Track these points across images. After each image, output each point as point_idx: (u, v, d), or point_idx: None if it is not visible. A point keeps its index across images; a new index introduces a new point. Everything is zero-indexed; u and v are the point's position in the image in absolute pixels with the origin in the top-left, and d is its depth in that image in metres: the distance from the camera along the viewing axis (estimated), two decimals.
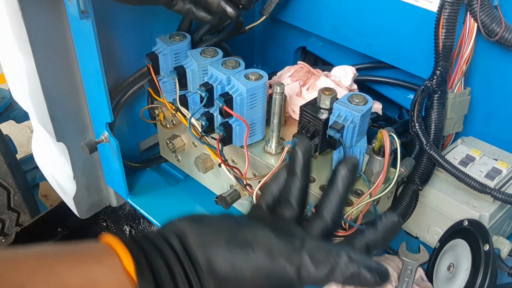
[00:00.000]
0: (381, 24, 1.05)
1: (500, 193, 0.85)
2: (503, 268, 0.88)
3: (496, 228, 0.93)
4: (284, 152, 0.82)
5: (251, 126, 0.90)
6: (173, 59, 0.98)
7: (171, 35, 0.99)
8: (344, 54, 1.25)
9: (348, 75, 1.01)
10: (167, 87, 1.00)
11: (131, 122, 1.16)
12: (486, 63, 0.96)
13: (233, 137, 0.92)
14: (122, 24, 1.02)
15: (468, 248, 0.85)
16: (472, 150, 0.99)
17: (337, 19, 1.13)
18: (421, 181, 0.91)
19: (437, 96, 0.94)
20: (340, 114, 0.80)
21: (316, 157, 0.92)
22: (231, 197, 0.91)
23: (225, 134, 0.89)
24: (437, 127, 0.95)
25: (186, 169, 1.14)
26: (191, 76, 0.94)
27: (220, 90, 0.88)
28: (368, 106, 0.81)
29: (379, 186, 0.78)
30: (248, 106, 0.87)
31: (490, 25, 0.87)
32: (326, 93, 0.84)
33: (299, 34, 1.32)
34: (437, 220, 0.96)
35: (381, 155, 0.82)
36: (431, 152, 0.90)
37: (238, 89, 0.86)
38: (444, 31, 0.88)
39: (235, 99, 0.86)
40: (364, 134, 0.85)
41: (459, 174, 0.88)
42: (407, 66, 1.08)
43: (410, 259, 0.90)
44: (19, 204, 1.71)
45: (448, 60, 0.91)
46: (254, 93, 0.87)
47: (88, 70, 0.97)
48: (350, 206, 0.81)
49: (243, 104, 0.87)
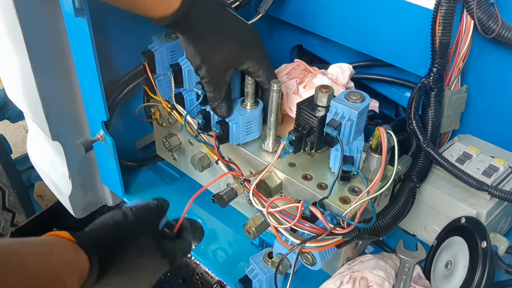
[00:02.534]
0: (377, 22, 1.05)
1: (497, 190, 0.85)
2: (501, 265, 0.88)
3: (493, 225, 0.93)
4: (280, 149, 0.82)
5: (247, 125, 0.91)
6: (169, 57, 0.97)
7: (166, 33, 0.98)
8: (341, 52, 1.25)
9: (345, 73, 1.01)
10: (163, 85, 1.00)
11: (127, 120, 1.15)
12: (483, 60, 0.96)
13: (230, 136, 0.91)
14: (117, 22, 1.01)
15: (465, 245, 0.85)
16: (469, 147, 0.99)
17: (333, 17, 1.13)
18: (418, 179, 0.91)
19: (434, 94, 0.94)
20: (337, 111, 0.80)
21: (313, 155, 0.91)
22: (228, 195, 0.90)
23: (221, 132, 0.89)
24: (434, 124, 0.94)
25: (182, 168, 1.14)
26: (187, 74, 0.94)
27: None
28: (366, 103, 0.81)
29: (376, 183, 0.78)
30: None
31: (486, 22, 0.87)
32: (323, 90, 0.84)
33: (296, 32, 1.32)
34: (434, 218, 0.96)
35: (378, 153, 0.81)
36: (428, 149, 0.90)
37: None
38: (441, 28, 0.88)
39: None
40: (361, 131, 0.84)
41: (456, 171, 0.88)
42: (404, 64, 1.08)
43: (407, 256, 0.90)
44: (14, 204, 1.70)
45: (445, 57, 0.91)
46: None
47: (84, 68, 0.96)
48: (347, 204, 0.80)
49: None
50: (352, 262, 0.89)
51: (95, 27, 0.88)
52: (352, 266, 0.88)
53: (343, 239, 0.77)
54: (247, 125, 0.91)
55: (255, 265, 0.90)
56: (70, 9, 0.84)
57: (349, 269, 0.87)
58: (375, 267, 0.85)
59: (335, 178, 0.82)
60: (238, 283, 0.91)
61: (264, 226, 0.87)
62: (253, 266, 0.91)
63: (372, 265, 0.86)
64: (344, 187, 0.85)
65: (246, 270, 0.92)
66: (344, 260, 0.91)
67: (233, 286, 0.94)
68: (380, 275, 0.84)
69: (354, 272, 0.85)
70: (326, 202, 0.82)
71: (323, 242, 0.77)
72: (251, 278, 0.90)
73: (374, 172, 0.83)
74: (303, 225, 0.78)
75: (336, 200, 0.82)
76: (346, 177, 0.84)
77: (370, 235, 0.80)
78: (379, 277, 0.84)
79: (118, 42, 1.04)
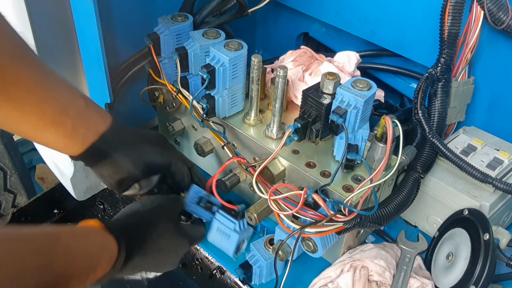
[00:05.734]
0: (385, 11, 1.04)
1: (501, 183, 0.84)
2: (502, 258, 0.88)
3: (495, 218, 0.93)
4: (285, 137, 0.82)
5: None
6: (174, 40, 0.96)
7: (173, 15, 0.97)
8: (347, 40, 1.24)
9: (351, 61, 1.00)
10: (168, 69, 0.99)
11: (131, 104, 1.14)
12: (491, 52, 0.95)
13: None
14: (123, 4, 1.00)
15: (467, 237, 0.85)
16: (474, 140, 0.99)
17: (340, 5, 1.12)
18: (423, 169, 0.90)
19: (441, 84, 0.93)
20: (343, 99, 0.79)
21: (317, 143, 0.91)
22: (230, 181, 0.90)
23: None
24: (440, 115, 0.94)
25: (185, 153, 1.13)
26: (192, 58, 0.93)
27: (222, 72, 0.87)
28: (372, 91, 0.80)
29: (380, 172, 0.78)
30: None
31: (497, 13, 0.86)
32: (329, 77, 0.83)
33: (302, 20, 1.30)
34: (437, 209, 0.96)
35: (383, 142, 0.81)
36: (433, 140, 0.89)
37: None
38: (450, 18, 0.87)
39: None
40: (367, 120, 0.84)
41: (461, 163, 0.87)
42: (411, 54, 1.07)
43: (408, 247, 0.90)
44: (15, 185, 1.70)
45: (453, 47, 0.90)
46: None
47: (89, 49, 0.95)
48: (350, 192, 0.80)
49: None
50: (353, 251, 0.89)
51: (101, 9, 0.87)
52: (353, 255, 0.88)
53: (344, 226, 0.77)
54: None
55: (256, 251, 0.90)
56: None
57: (350, 258, 0.86)
58: (376, 256, 0.85)
59: (338, 166, 0.81)
60: (239, 268, 0.91)
61: (266, 213, 0.87)
62: (254, 252, 0.91)
63: (373, 254, 0.86)
64: (347, 175, 0.84)
65: (247, 256, 0.92)
66: (345, 249, 0.91)
67: (234, 271, 0.94)
68: (381, 264, 0.84)
69: (355, 261, 0.85)
70: (329, 190, 0.81)
71: (323, 228, 0.77)
72: (251, 264, 0.90)
73: (378, 161, 0.83)
74: (306, 212, 0.77)
75: (339, 188, 0.81)
76: (350, 166, 0.84)
77: (371, 223, 0.80)
78: (379, 267, 0.84)
79: (124, 24, 1.03)
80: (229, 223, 0.90)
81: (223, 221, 0.91)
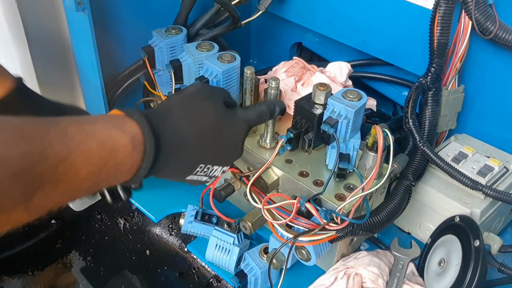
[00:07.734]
0: (376, 21, 1.06)
1: (491, 190, 0.86)
2: (493, 264, 0.89)
3: (487, 224, 0.94)
4: (278, 146, 0.83)
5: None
6: (169, 52, 0.98)
7: (167, 28, 0.99)
8: (340, 50, 1.26)
9: (343, 71, 1.01)
10: (163, 80, 1.00)
11: None
12: (480, 61, 0.97)
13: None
14: (118, 17, 1.02)
15: (459, 243, 0.86)
16: (465, 147, 1.00)
17: (333, 15, 1.14)
18: (414, 177, 0.92)
19: (431, 93, 0.94)
20: (334, 109, 0.81)
21: (310, 152, 0.92)
22: (225, 190, 0.91)
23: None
24: (431, 124, 0.95)
25: None
26: (186, 70, 0.95)
27: (216, 84, 0.89)
28: (362, 102, 0.82)
29: (371, 181, 0.79)
30: None
31: (484, 23, 0.87)
32: (320, 88, 0.85)
33: (295, 30, 1.32)
34: (429, 216, 0.97)
35: (374, 151, 0.82)
36: (424, 148, 0.90)
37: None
38: (439, 28, 0.89)
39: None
40: (358, 129, 0.85)
41: (452, 170, 0.89)
42: (402, 63, 1.09)
43: (401, 254, 0.91)
44: None
45: (442, 57, 0.92)
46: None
47: (84, 62, 0.97)
48: (342, 200, 0.81)
49: None
50: (347, 259, 0.90)
51: (96, 21, 0.88)
52: (346, 263, 0.89)
53: (337, 235, 0.78)
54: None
55: (251, 260, 0.91)
56: (71, 3, 0.84)
57: (344, 265, 0.87)
58: (369, 263, 0.86)
59: (330, 175, 0.83)
60: (234, 277, 0.92)
61: (260, 222, 0.88)
62: (249, 261, 0.92)
63: (367, 262, 0.87)
64: (340, 184, 0.85)
65: (242, 264, 0.93)
66: (338, 257, 0.92)
67: (229, 280, 0.95)
68: (374, 271, 0.85)
69: (348, 268, 0.86)
70: (322, 199, 0.82)
71: (316, 237, 0.78)
72: (246, 272, 0.91)
73: (369, 170, 0.84)
74: (299, 221, 0.78)
75: (331, 197, 0.83)
76: (342, 175, 0.85)
77: (363, 231, 0.81)
78: (373, 274, 0.85)
79: (119, 37, 1.05)
80: (228, 238, 0.91)
81: (221, 237, 0.91)
